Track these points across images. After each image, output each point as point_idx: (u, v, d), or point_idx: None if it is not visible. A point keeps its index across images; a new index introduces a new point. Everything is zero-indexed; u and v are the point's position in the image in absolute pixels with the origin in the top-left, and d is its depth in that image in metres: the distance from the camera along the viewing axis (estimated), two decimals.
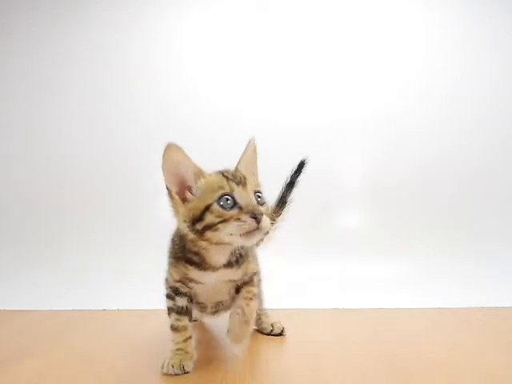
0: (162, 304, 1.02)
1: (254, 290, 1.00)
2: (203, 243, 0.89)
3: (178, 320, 0.98)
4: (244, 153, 0.98)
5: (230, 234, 0.85)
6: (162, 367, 0.95)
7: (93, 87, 2.32)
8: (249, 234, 0.84)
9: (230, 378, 0.92)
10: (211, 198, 0.86)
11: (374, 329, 1.29)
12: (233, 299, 1.01)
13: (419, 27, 2.25)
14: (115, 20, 2.33)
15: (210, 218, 0.85)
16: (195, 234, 0.88)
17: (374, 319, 1.40)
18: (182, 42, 2.31)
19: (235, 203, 0.86)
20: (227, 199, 0.85)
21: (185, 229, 0.90)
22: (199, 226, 0.86)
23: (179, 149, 0.89)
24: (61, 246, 2.17)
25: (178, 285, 0.98)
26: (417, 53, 2.24)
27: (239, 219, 0.83)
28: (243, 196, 0.86)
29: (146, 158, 2.26)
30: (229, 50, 2.28)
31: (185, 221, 0.89)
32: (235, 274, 0.96)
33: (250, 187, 0.88)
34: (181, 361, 0.94)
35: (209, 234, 0.86)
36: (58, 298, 1.76)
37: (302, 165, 1.25)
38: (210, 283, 0.96)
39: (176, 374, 0.93)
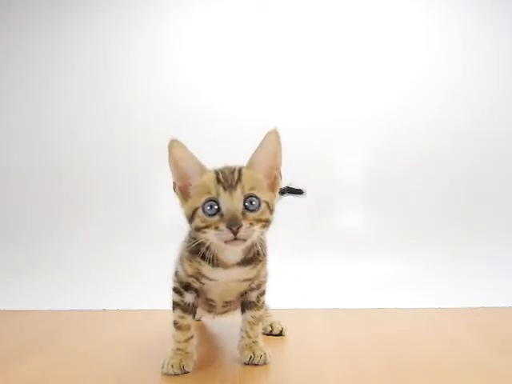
0: (162, 304, 1.02)
1: (258, 314, 1.00)
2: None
3: (181, 318, 0.96)
4: (261, 144, 0.91)
5: (215, 240, 0.84)
6: (162, 367, 0.95)
7: (92, 86, 2.33)
8: (229, 242, 0.83)
9: (230, 378, 0.92)
10: (199, 202, 0.85)
11: (374, 329, 1.29)
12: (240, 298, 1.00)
13: (419, 27, 2.25)
14: (115, 19, 2.33)
15: (197, 221, 0.86)
16: (193, 232, 0.89)
17: (374, 319, 1.40)
18: (182, 41, 2.31)
19: (219, 209, 0.84)
20: (211, 205, 0.84)
21: (187, 224, 0.90)
22: (192, 226, 0.87)
23: (181, 145, 0.88)
24: (61, 245, 2.17)
25: (190, 280, 0.96)
26: (417, 53, 2.24)
27: (217, 227, 0.82)
28: (227, 203, 0.83)
29: (147, 158, 2.26)
30: (229, 49, 2.28)
31: (186, 217, 0.89)
32: (249, 273, 0.94)
33: (241, 191, 0.84)
34: (181, 361, 0.94)
35: (201, 234, 0.86)
36: (58, 297, 1.76)
37: (298, 191, 1.22)
38: (222, 281, 0.94)
39: (176, 374, 0.93)
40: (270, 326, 1.23)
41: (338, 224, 2.18)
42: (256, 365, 0.97)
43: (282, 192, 1.21)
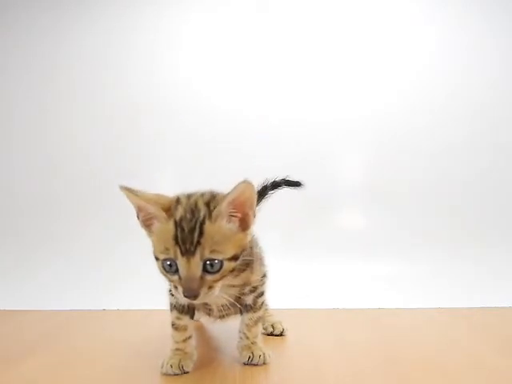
0: (162, 304, 1.02)
1: (255, 315, 0.99)
2: None
3: (178, 319, 0.97)
4: (232, 194, 0.81)
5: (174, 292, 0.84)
6: (162, 367, 0.94)
7: (92, 87, 2.32)
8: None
9: (230, 378, 0.92)
10: (158, 254, 0.82)
11: (374, 329, 1.29)
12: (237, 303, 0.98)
13: (420, 27, 2.24)
14: (115, 19, 2.33)
15: (160, 269, 0.83)
16: None
17: (374, 319, 1.40)
18: (182, 41, 2.31)
19: (177, 269, 0.80)
20: (170, 264, 0.80)
21: None
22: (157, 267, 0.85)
23: (132, 192, 0.84)
24: (60, 245, 2.16)
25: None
26: (417, 52, 2.24)
27: (176, 288, 0.81)
28: (184, 269, 0.78)
29: (147, 158, 2.26)
30: (229, 49, 2.28)
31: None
32: (235, 280, 0.92)
33: (200, 256, 0.77)
34: (180, 361, 0.94)
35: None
36: (58, 298, 1.76)
37: (295, 184, 1.22)
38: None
39: (175, 374, 0.93)
40: (272, 326, 1.23)
41: (338, 224, 2.18)
42: (255, 365, 0.97)
43: (279, 184, 1.22)
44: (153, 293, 1.10)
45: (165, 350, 0.99)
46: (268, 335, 1.22)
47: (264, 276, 1.02)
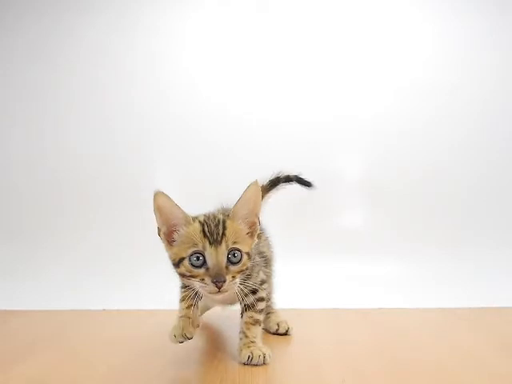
0: (162, 304, 1.03)
1: (256, 316, 1.03)
2: None
3: (184, 292, 1.01)
4: (243, 196, 0.94)
5: (199, 290, 0.91)
6: (169, 337, 0.98)
7: (92, 85, 2.32)
8: (211, 294, 0.90)
9: (230, 377, 0.92)
10: (185, 252, 0.91)
11: (374, 329, 1.29)
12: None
13: (419, 26, 2.24)
14: (115, 18, 2.33)
15: (182, 270, 0.91)
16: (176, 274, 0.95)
17: (374, 319, 1.40)
18: (182, 41, 2.31)
19: (205, 261, 0.89)
20: (198, 257, 0.89)
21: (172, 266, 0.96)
22: (177, 271, 0.93)
23: (166, 196, 0.92)
24: (61, 245, 2.16)
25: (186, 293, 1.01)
26: (417, 52, 2.24)
27: (203, 280, 0.88)
28: (212, 257, 0.89)
29: (147, 158, 2.26)
30: (229, 49, 2.28)
31: (170, 260, 0.95)
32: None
33: (225, 246, 0.90)
34: (183, 329, 0.97)
35: (184, 280, 0.93)
36: (58, 298, 1.76)
37: (307, 183, 1.29)
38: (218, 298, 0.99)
39: (180, 342, 0.97)
40: (277, 324, 1.24)
41: (338, 223, 2.18)
42: (255, 365, 0.98)
43: (291, 180, 1.25)
44: (153, 293, 1.10)
45: (165, 350, 0.99)
46: (273, 334, 1.22)
47: (263, 282, 1.06)
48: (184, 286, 1.02)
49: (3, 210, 2.29)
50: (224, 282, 0.87)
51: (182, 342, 0.97)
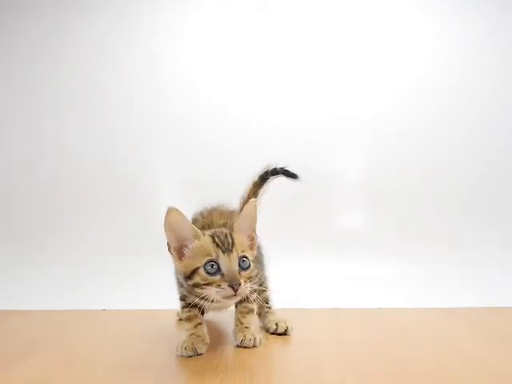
0: (163, 304, 1.03)
1: (249, 305, 1.12)
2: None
3: (189, 312, 1.08)
4: (243, 214, 1.04)
5: (215, 296, 0.96)
6: (177, 350, 1.03)
7: (92, 85, 2.32)
8: (227, 298, 0.96)
9: (230, 377, 0.92)
10: (199, 262, 0.97)
11: (374, 329, 1.29)
12: None
13: (419, 26, 2.24)
14: (115, 18, 2.33)
15: (197, 279, 0.97)
16: (188, 286, 1.00)
17: (374, 319, 1.40)
18: (182, 41, 2.31)
19: (219, 269, 0.96)
20: (212, 265, 0.96)
21: (181, 280, 1.03)
22: (190, 283, 0.99)
23: (179, 212, 0.97)
24: (61, 245, 2.16)
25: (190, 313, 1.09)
26: (417, 52, 2.24)
27: (219, 285, 0.95)
28: (226, 264, 0.96)
29: (147, 158, 2.26)
30: (229, 49, 2.28)
31: (180, 274, 1.02)
32: None
33: (236, 254, 0.97)
34: (193, 343, 1.03)
35: (198, 290, 0.98)
36: (58, 298, 1.76)
37: (292, 175, 1.30)
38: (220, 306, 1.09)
39: (189, 356, 1.02)
40: (276, 324, 1.24)
41: (338, 223, 2.18)
42: (246, 347, 1.07)
43: (277, 172, 1.27)
44: (153, 293, 1.10)
45: (165, 350, 0.99)
46: (272, 333, 1.22)
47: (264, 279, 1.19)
48: (186, 306, 1.08)
49: (3, 210, 2.29)
50: (239, 285, 0.94)
51: (191, 357, 1.03)
